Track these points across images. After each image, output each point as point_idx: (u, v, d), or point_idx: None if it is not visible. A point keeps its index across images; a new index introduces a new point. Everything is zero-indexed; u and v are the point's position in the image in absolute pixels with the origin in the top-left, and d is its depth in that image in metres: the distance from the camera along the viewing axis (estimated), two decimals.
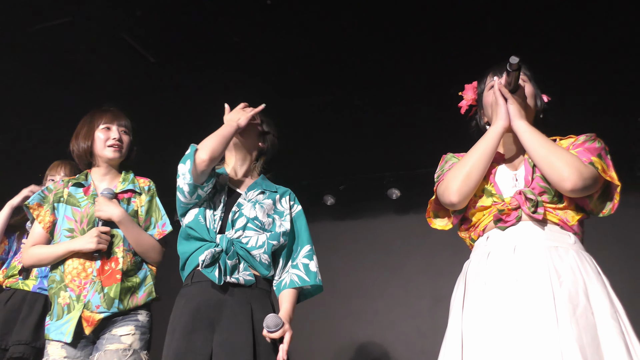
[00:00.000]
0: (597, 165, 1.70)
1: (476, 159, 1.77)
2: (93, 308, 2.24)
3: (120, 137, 2.45)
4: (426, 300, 5.08)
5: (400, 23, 3.43)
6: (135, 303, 2.31)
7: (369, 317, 5.22)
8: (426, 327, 4.96)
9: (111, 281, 2.27)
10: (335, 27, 3.49)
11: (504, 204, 1.74)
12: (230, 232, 2.05)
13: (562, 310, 1.53)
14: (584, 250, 1.73)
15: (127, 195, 2.44)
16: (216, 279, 1.95)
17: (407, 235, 5.30)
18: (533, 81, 1.88)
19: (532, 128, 1.76)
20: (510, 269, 1.65)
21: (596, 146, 1.76)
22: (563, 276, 1.60)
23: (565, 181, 1.65)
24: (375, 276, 5.28)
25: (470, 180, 1.77)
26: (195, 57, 3.74)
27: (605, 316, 1.54)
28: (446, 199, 1.81)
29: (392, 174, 5.17)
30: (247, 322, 1.93)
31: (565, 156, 1.68)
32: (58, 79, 3.89)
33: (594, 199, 1.74)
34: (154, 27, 3.46)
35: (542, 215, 1.70)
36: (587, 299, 1.57)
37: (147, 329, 2.33)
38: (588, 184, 1.66)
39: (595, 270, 1.66)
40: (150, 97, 3.99)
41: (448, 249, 4.92)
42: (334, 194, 5.31)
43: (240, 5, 3.31)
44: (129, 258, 2.34)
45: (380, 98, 4.17)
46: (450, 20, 3.39)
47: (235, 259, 2.01)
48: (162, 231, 2.44)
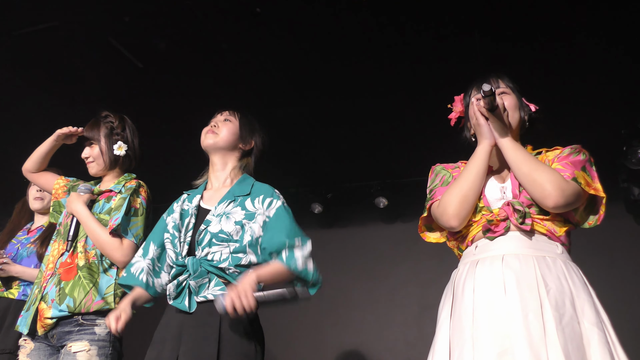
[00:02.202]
0: (580, 179, 1.72)
1: (471, 181, 1.79)
2: (49, 302, 2.23)
3: (90, 152, 2.49)
4: (413, 309, 5.08)
5: (388, 34, 3.45)
6: (87, 307, 2.22)
7: (356, 326, 5.21)
8: (413, 336, 4.96)
9: (69, 276, 2.26)
10: (323, 36, 3.50)
11: (493, 215, 1.76)
12: (198, 251, 2.01)
13: (549, 319, 1.55)
14: (571, 260, 1.75)
15: (110, 194, 2.43)
16: (187, 307, 1.94)
17: (394, 244, 5.31)
18: (517, 92, 1.90)
19: (515, 144, 1.78)
20: (498, 278, 1.66)
21: (580, 159, 1.77)
22: (550, 285, 1.61)
23: (546, 198, 1.68)
24: (362, 284, 5.28)
25: (467, 203, 1.79)
26: (183, 63, 3.73)
27: (591, 325, 1.56)
28: (445, 223, 1.83)
29: (379, 183, 5.18)
30: (214, 332, 1.88)
31: (547, 173, 1.70)
32: (45, 84, 3.86)
33: (579, 210, 1.77)
34: (142, 32, 3.45)
35: (530, 226, 1.71)
36: (574, 308, 1.59)
37: (107, 342, 2.23)
38: (570, 200, 1.69)
39: (581, 280, 1.68)
40: (138, 103, 3.97)
41: (435, 257, 4.92)
42: (321, 202, 5.31)
43: (229, 13, 3.32)
44: (89, 255, 2.30)
45: (369, 107, 4.18)
46: (437, 31, 3.42)
47: (205, 277, 1.96)
48: (112, 224, 2.31)
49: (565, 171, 1.74)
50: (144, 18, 3.34)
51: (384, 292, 5.24)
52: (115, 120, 2.50)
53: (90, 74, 3.81)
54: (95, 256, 2.32)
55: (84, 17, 3.30)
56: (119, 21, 3.33)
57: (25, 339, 2.33)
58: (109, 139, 2.47)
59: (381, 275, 5.27)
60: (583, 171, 1.75)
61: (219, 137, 2.18)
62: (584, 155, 1.79)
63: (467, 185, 1.79)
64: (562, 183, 1.68)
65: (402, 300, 5.18)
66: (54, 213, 2.57)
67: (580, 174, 1.73)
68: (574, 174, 1.73)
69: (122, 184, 2.44)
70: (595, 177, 1.76)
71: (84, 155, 2.49)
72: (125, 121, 2.53)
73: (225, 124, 2.21)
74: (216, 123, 2.21)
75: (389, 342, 5.08)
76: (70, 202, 2.38)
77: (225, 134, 2.19)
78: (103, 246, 2.30)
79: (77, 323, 2.23)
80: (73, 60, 3.67)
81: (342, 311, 5.25)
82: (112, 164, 2.48)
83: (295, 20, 3.36)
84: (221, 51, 3.59)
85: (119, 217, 2.32)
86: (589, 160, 1.79)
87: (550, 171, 1.71)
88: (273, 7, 3.25)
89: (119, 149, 2.46)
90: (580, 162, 1.77)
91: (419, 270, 5.12)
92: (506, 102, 1.84)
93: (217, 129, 2.20)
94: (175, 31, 3.46)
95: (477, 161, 1.81)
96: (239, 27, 3.43)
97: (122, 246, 2.30)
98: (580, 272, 1.72)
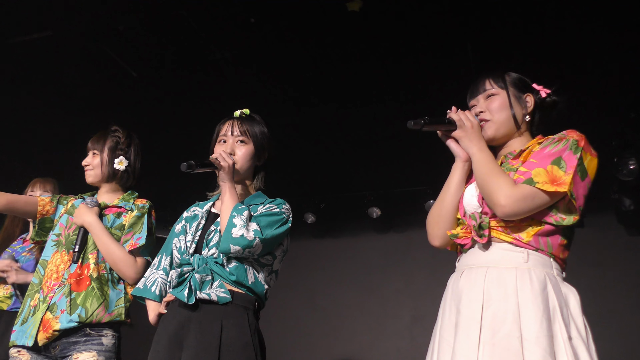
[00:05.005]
0: (537, 178, 1.62)
1: (446, 201, 1.82)
2: (57, 312, 2.21)
3: (90, 160, 2.49)
4: (405, 319, 5.09)
5: (381, 43, 3.48)
6: (99, 318, 2.23)
7: (348, 336, 5.20)
8: (405, 346, 4.95)
9: (81, 287, 2.25)
10: (318, 46, 3.52)
11: (465, 227, 1.77)
12: (204, 251, 2.03)
13: (484, 334, 1.57)
14: (543, 266, 1.66)
15: (119, 210, 2.44)
16: (185, 297, 1.92)
17: (387, 254, 5.32)
18: (514, 87, 1.85)
19: (481, 155, 1.74)
20: (455, 294, 1.71)
21: (555, 150, 1.67)
22: (493, 299, 1.61)
23: (495, 208, 1.66)
24: (354, 295, 5.28)
25: (444, 222, 1.82)
26: (178, 72, 3.74)
27: (529, 342, 1.53)
28: (430, 242, 1.88)
29: (372, 193, 5.20)
30: (215, 341, 1.88)
31: (496, 183, 1.65)
32: (39, 92, 3.86)
33: (560, 207, 1.66)
34: (136, 42, 3.45)
35: (487, 238, 1.69)
36: (517, 323, 1.56)
37: (113, 353, 2.26)
38: (522, 206, 1.62)
39: (537, 291, 1.60)
40: (132, 112, 3.97)
41: (427, 268, 4.94)
42: (314, 212, 5.31)
43: (223, 23, 3.33)
44: (100, 268, 2.31)
45: (362, 118, 4.20)
46: (430, 41, 3.44)
47: (208, 274, 1.97)
48: (134, 243, 2.37)
49: (524, 172, 1.67)
50: (138, 27, 3.35)
51: (376, 302, 5.24)
52: (123, 136, 2.52)
53: (83, 83, 3.81)
54: (104, 269, 2.33)
55: (77, 26, 3.31)
56: (113, 30, 3.34)
57: (20, 350, 2.28)
58: (112, 152, 2.49)
59: (373, 286, 5.27)
60: (555, 164, 1.64)
61: (237, 165, 2.10)
62: (565, 143, 1.68)
63: (441, 206, 1.83)
64: (508, 190, 1.62)
65: (394, 310, 5.18)
66: (39, 231, 2.51)
67: (543, 171, 1.63)
68: (531, 174, 1.64)
69: (131, 202, 2.47)
70: (571, 168, 1.63)
71: (84, 162, 2.50)
72: (132, 139, 2.55)
73: (240, 148, 2.11)
74: (232, 150, 2.10)
75: (381, 352, 5.07)
76: (81, 214, 2.35)
77: (241, 160, 2.11)
78: (116, 262, 2.31)
79: (84, 333, 2.22)
80: (66, 69, 3.67)
81: (334, 321, 5.24)
82: (109, 176, 2.49)
83: (291, 31, 3.38)
84: (215, 61, 3.60)
85: (142, 237, 2.37)
86: (570, 147, 1.67)
87: (499, 180, 1.66)
88: (267, 18, 3.27)
89: (120, 164, 2.48)
90: (552, 154, 1.67)
91: (411, 280, 5.13)
92: (492, 105, 1.82)
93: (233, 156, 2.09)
94: (169, 40, 3.47)
95: (451, 180, 1.84)
96: (233, 37, 3.44)
97: (137, 264, 2.35)
98: (545, 281, 1.63)
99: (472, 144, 1.77)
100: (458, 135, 1.79)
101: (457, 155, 1.83)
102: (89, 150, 2.51)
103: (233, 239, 1.90)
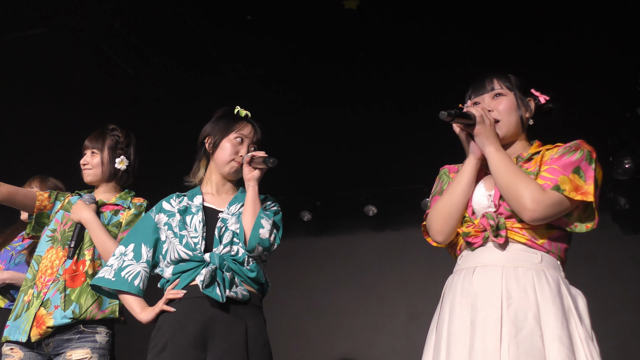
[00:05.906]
0: (565, 185, 1.65)
1: (456, 197, 1.78)
2: (51, 307, 2.20)
3: (89, 159, 2.48)
4: (401, 318, 5.10)
5: (379, 42, 3.48)
6: (93, 315, 2.24)
7: (344, 334, 5.21)
8: (401, 344, 4.96)
9: (76, 283, 2.25)
10: (315, 44, 3.52)
11: (475, 225, 1.75)
12: (218, 248, 2.00)
13: (505, 332, 1.56)
14: (554, 268, 1.70)
15: (117, 207, 2.44)
16: (219, 297, 1.89)
17: (383, 252, 5.33)
18: (518, 89, 1.85)
19: (498, 155, 1.73)
20: (467, 292, 1.68)
21: (573, 159, 1.70)
22: (513, 297, 1.61)
23: (522, 213, 1.65)
24: (351, 293, 5.28)
25: (452, 219, 1.78)
26: (174, 70, 3.73)
27: (552, 340, 1.54)
28: (432, 237, 1.85)
29: (369, 191, 5.20)
30: (242, 341, 1.88)
31: (524, 186, 1.65)
32: (34, 89, 3.84)
33: (573, 215, 1.70)
34: (132, 39, 3.45)
35: (504, 238, 1.69)
36: (538, 321, 1.57)
37: (107, 350, 2.25)
38: (549, 212, 1.64)
39: (555, 291, 1.63)
40: (128, 109, 3.97)
41: (423, 266, 4.95)
42: (310, 210, 5.32)
43: (220, 20, 3.33)
44: (95, 264, 2.31)
45: (358, 115, 4.20)
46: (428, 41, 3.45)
47: (230, 272, 1.96)
48: None
49: (549, 179, 1.68)
50: (134, 24, 3.34)
51: (373, 300, 5.24)
52: (122, 136, 2.53)
53: (79, 80, 3.79)
54: (100, 266, 2.32)
55: (73, 23, 3.29)
56: (109, 27, 3.33)
57: (12, 347, 2.27)
58: (112, 151, 2.49)
59: (370, 284, 5.27)
60: (575, 173, 1.68)
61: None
62: (581, 153, 1.71)
63: (451, 202, 1.79)
64: (538, 195, 1.63)
65: (391, 308, 5.19)
66: (35, 226, 2.50)
67: (567, 179, 1.66)
68: (557, 181, 1.66)
69: (128, 200, 2.47)
70: (590, 178, 1.67)
71: (83, 162, 2.49)
72: (131, 139, 2.55)
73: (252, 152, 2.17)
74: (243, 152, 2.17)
75: (377, 350, 5.08)
76: (78, 210, 2.35)
77: None
78: None
79: (78, 330, 2.22)
80: (62, 66, 3.66)
81: (330, 319, 5.25)
82: (110, 176, 2.49)
83: (288, 29, 3.38)
84: (212, 58, 3.60)
85: None
86: (586, 158, 1.70)
87: (527, 183, 1.66)
88: (264, 16, 3.27)
89: (121, 163, 2.49)
90: (572, 163, 1.69)
91: (408, 278, 5.13)
92: (501, 106, 1.82)
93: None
94: (165, 37, 3.46)
95: (463, 176, 1.80)
96: (229, 35, 3.44)
97: None
98: (559, 283, 1.67)
99: (489, 141, 1.75)
100: (478, 132, 1.75)
101: (472, 152, 1.80)
102: (86, 149, 2.50)
103: (261, 240, 1.97)
